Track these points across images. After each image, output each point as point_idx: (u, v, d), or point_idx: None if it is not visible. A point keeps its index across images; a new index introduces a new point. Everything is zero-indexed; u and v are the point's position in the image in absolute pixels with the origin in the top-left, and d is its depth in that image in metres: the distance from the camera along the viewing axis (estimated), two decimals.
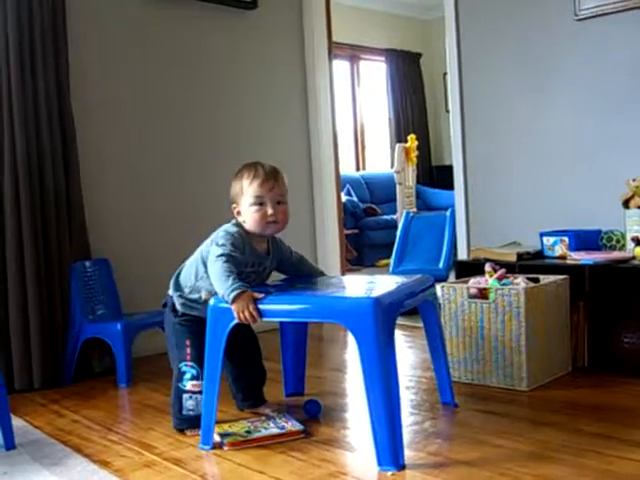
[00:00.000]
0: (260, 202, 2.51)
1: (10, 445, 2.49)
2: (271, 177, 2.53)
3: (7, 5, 3.30)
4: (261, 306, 2.29)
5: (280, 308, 2.33)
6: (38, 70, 3.40)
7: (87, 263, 3.58)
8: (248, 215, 2.53)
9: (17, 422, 2.73)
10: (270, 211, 2.51)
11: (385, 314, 2.15)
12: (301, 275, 2.79)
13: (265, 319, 2.30)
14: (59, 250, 3.46)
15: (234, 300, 2.30)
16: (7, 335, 3.30)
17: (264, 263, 2.62)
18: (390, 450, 2.11)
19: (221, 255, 2.40)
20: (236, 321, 2.32)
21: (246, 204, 2.53)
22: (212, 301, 2.41)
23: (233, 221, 2.58)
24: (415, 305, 2.55)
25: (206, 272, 2.51)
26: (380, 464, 2.12)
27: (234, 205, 2.59)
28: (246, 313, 2.28)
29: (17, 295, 3.29)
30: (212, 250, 2.45)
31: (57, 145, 3.48)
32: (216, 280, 2.37)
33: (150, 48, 4.07)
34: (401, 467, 2.11)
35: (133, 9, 3.98)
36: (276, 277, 2.79)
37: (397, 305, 2.30)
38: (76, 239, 3.56)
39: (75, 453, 2.42)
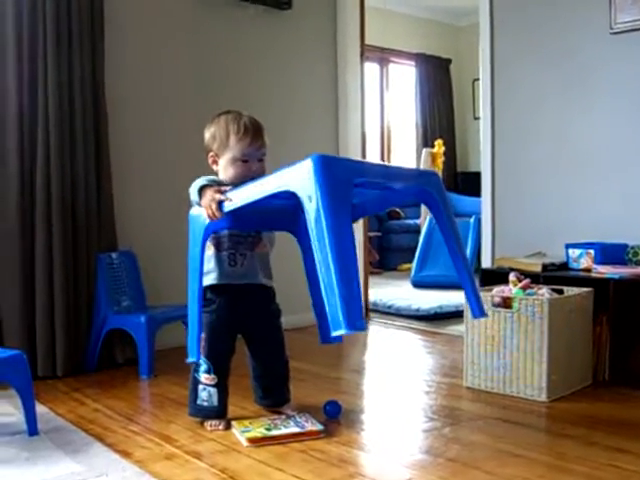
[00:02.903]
0: (246, 160, 2.55)
1: (33, 431, 2.52)
2: (259, 136, 2.58)
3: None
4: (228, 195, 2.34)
5: (242, 195, 2.33)
6: (75, 61, 3.45)
7: (113, 254, 3.62)
8: (230, 168, 2.56)
9: (40, 409, 2.75)
10: (254, 168, 2.55)
11: (331, 173, 2.06)
12: None
13: (229, 208, 2.34)
14: (87, 240, 3.51)
15: (200, 195, 2.38)
16: (33, 323, 3.35)
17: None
18: (345, 310, 1.91)
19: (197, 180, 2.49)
20: (208, 221, 2.39)
21: (230, 158, 2.56)
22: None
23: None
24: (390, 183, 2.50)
25: None
26: (333, 328, 1.93)
27: (212, 153, 2.61)
28: (213, 206, 2.34)
29: (44, 284, 3.34)
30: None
31: (89, 136, 3.53)
32: (190, 190, 2.46)
33: (184, 43, 4.10)
34: (358, 329, 1.93)
35: (170, 3, 4.03)
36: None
37: (347, 168, 2.23)
38: (104, 230, 3.60)
39: (97, 442, 2.45)
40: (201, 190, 2.41)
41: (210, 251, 2.58)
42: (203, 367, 2.59)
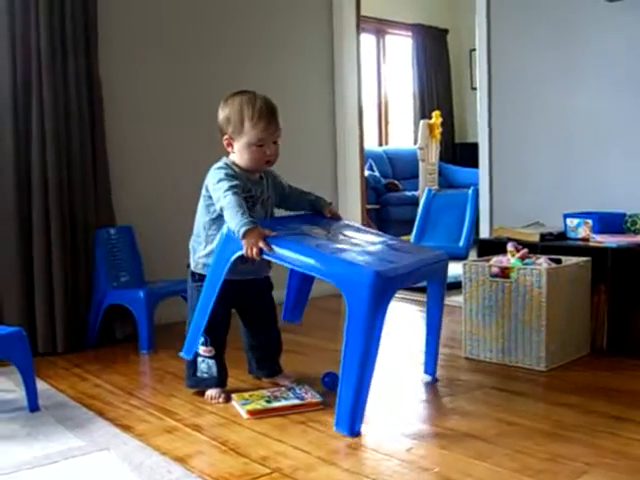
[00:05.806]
0: (262, 144, 2.54)
1: (34, 407, 2.54)
2: (274, 120, 2.56)
3: None
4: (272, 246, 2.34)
5: (285, 253, 2.33)
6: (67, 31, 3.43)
7: (111, 230, 3.61)
8: (245, 153, 2.55)
9: (41, 385, 2.77)
10: (269, 152, 2.56)
11: (383, 288, 2.17)
12: (304, 208, 2.79)
13: (267, 257, 2.36)
14: (84, 216, 3.51)
15: (245, 235, 2.33)
16: (32, 300, 3.35)
17: (259, 187, 2.62)
18: (350, 415, 2.21)
19: (227, 190, 2.42)
20: (242, 252, 2.37)
21: (245, 143, 2.54)
22: (225, 228, 2.45)
23: (219, 163, 2.59)
24: (419, 282, 2.68)
25: (211, 220, 2.58)
26: (337, 425, 2.24)
27: (226, 136, 2.59)
28: (254, 250, 2.33)
29: (42, 260, 3.34)
30: (214, 192, 2.48)
31: (84, 113, 3.51)
32: (228, 214, 2.39)
33: (178, 11, 4.08)
34: (355, 434, 2.22)
35: None
36: None
37: (397, 282, 2.31)
38: (101, 205, 3.59)
39: (98, 417, 2.47)
40: (246, 230, 2.34)
41: None
42: (200, 340, 2.60)
